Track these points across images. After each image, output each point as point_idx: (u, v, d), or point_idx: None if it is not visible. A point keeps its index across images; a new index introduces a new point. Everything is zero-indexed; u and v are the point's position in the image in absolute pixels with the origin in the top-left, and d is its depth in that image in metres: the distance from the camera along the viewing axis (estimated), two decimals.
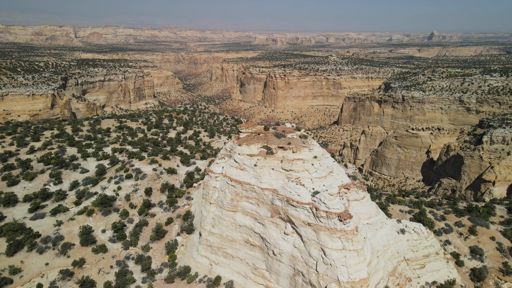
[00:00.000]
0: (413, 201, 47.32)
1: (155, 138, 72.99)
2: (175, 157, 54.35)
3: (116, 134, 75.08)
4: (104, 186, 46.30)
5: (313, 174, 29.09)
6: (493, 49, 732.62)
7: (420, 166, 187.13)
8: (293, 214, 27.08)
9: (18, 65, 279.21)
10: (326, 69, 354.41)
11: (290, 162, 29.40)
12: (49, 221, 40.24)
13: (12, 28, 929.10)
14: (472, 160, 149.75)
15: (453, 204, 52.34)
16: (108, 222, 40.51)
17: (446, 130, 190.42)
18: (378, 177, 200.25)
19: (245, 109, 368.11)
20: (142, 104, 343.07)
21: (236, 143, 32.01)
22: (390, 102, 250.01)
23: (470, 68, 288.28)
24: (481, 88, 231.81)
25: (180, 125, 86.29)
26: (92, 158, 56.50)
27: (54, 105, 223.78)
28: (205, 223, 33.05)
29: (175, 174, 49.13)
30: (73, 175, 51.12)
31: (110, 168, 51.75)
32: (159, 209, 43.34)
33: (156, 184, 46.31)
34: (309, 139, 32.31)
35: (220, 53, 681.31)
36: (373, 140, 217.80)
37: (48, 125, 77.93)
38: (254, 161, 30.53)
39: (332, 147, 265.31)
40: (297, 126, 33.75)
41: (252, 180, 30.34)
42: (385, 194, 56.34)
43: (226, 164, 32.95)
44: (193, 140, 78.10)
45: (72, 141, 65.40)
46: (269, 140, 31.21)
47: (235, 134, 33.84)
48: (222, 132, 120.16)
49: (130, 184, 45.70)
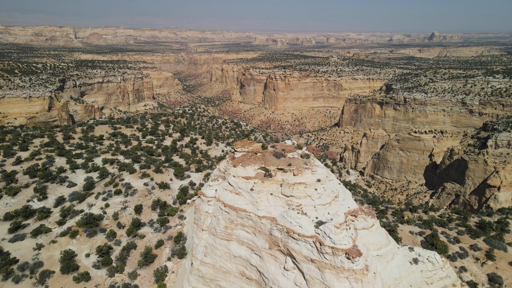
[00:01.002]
0: (422, 218, 44.19)
1: (149, 147, 69.81)
2: (169, 170, 51.17)
3: (109, 142, 71.91)
4: (91, 203, 43.15)
5: (317, 201, 25.94)
6: (494, 49, 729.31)
7: (423, 170, 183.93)
8: (294, 247, 23.96)
9: (16, 67, 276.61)
10: (327, 70, 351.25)
11: (291, 186, 26.25)
12: (29, 243, 37.15)
13: (12, 29, 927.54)
14: (477, 164, 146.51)
15: (463, 219, 49.20)
16: (93, 244, 37.40)
17: (449, 133, 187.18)
18: (380, 180, 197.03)
19: (245, 110, 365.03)
20: (141, 106, 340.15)
21: (230, 163, 28.83)
22: (391, 104, 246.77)
23: (472, 69, 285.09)
24: (484, 90, 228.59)
25: (177, 131, 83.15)
26: (81, 170, 53.35)
27: (52, 107, 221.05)
28: (197, 251, 29.93)
29: (168, 189, 45.97)
30: (60, 190, 47.96)
31: (99, 182, 48.60)
32: (149, 229, 40.22)
33: (147, 201, 43.16)
34: (312, 158, 29.12)
35: (220, 53, 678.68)
36: (375, 143, 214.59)
37: (38, 133, 74.77)
38: (250, 185, 27.39)
39: (333, 150, 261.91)
40: (298, 144, 30.52)
41: (248, 207, 27.20)
42: (391, 208, 53.16)
43: (220, 187, 29.80)
44: (190, 148, 74.92)
45: (62, 150, 62.23)
46: (267, 161, 28.05)
47: (230, 152, 30.64)
48: (221, 137, 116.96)
49: (119, 201, 42.55)
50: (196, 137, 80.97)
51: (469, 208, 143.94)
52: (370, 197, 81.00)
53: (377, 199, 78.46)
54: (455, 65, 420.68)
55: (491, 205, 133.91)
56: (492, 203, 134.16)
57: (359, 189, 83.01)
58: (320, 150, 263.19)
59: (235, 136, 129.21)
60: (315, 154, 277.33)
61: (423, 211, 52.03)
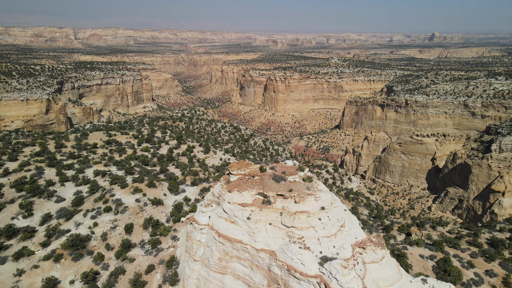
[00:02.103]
0: (431, 237, 41.51)
1: (144, 156, 67.13)
2: (162, 184, 48.47)
3: (103, 150, 69.20)
4: (78, 221, 40.48)
5: (321, 232, 23.30)
6: (494, 50, 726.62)
7: (425, 174, 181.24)
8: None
9: (14, 69, 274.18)
10: (327, 72, 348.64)
11: (292, 216, 23.62)
12: (10, 268, 34.51)
13: (12, 30, 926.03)
14: (480, 169, 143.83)
15: (474, 235, 46.58)
16: (79, 269, 34.74)
17: (452, 136, 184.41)
18: (381, 184, 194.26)
19: (245, 112, 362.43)
20: (140, 108, 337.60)
21: (225, 188, 26.14)
22: (393, 106, 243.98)
23: (474, 71, 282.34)
24: (486, 92, 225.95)
25: (174, 138, 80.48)
26: (71, 183, 50.67)
27: (49, 110, 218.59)
28: (189, 283, 27.31)
29: (161, 205, 43.30)
30: (47, 205, 45.30)
31: (89, 197, 45.94)
32: (140, 250, 37.54)
33: (139, 219, 40.50)
34: (315, 181, 26.43)
35: (220, 54, 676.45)
36: (376, 146, 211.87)
37: (29, 141, 72.09)
38: (247, 213, 24.75)
39: (334, 152, 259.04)
40: (300, 165, 27.82)
41: (244, 238, 24.56)
42: (397, 223, 50.52)
43: (214, 213, 27.15)
44: (187, 156, 72.22)
45: (53, 160, 59.56)
46: (266, 185, 25.40)
47: (225, 175, 27.93)
48: (219, 142, 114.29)
49: (109, 219, 39.89)
50: (193, 145, 78.26)
51: (472, 214, 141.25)
52: (373, 206, 78.35)
53: (381, 208, 75.80)
54: (456, 66, 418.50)
55: (495, 211, 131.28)
56: (496, 208, 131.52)
57: (362, 197, 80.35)
58: (320, 152, 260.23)
59: (234, 140, 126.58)
60: (315, 157, 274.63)
61: (430, 226, 49.37)
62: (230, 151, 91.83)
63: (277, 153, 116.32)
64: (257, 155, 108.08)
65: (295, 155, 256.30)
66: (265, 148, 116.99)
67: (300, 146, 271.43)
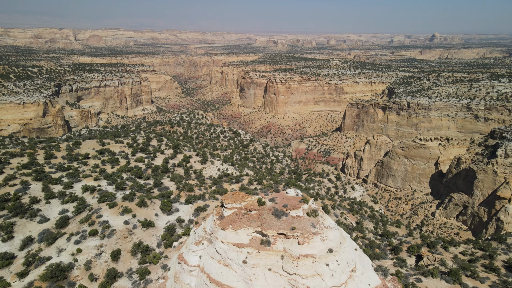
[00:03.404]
0: (445, 263, 38.14)
1: (138, 167, 63.79)
2: (154, 203, 45.09)
3: (95, 161, 65.89)
4: (61, 247, 37.15)
5: (329, 281, 19.97)
6: (495, 51, 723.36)
7: (428, 179, 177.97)
8: None
9: (11, 71, 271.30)
10: (328, 74, 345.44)
11: (295, 261, 20.31)
12: None
13: (11, 31, 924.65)
14: (486, 174, 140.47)
15: (489, 257, 43.29)
16: None
17: (455, 140, 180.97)
18: (383, 189, 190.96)
19: (245, 114, 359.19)
20: (139, 110, 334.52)
21: (218, 225, 22.76)
22: (394, 109, 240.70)
23: (476, 72, 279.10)
24: (490, 95, 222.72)
25: (169, 147, 77.14)
26: (57, 201, 47.35)
27: (46, 113, 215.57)
28: None
29: (152, 227, 39.95)
30: (29, 226, 41.98)
31: (75, 218, 42.60)
32: (127, 281, 34.24)
33: (127, 244, 37.18)
34: (321, 216, 23.04)
35: (220, 56, 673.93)
36: (378, 150, 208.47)
37: (18, 151, 68.82)
38: (243, 256, 21.45)
39: (335, 155, 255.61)
40: (304, 196, 24.43)
41: (240, 285, 21.24)
42: (406, 242, 47.24)
43: (205, 253, 23.83)
44: (183, 167, 68.88)
45: (40, 174, 56.27)
46: (265, 222, 22.06)
47: (218, 207, 24.49)
48: (218, 148, 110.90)
49: (94, 245, 36.57)
50: (190, 154, 74.91)
51: (478, 221, 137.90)
52: (378, 217, 74.95)
53: (386, 220, 72.38)
54: (457, 67, 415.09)
55: (501, 218, 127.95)
56: (502, 216, 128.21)
57: (366, 208, 76.99)
58: (321, 156, 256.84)
59: (233, 146, 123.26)
60: (316, 160, 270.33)
61: (442, 246, 46.05)
62: (229, 159, 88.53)
63: (278, 160, 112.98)
64: (256, 163, 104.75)
65: (296, 158, 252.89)
66: (265, 155, 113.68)
67: (300, 149, 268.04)
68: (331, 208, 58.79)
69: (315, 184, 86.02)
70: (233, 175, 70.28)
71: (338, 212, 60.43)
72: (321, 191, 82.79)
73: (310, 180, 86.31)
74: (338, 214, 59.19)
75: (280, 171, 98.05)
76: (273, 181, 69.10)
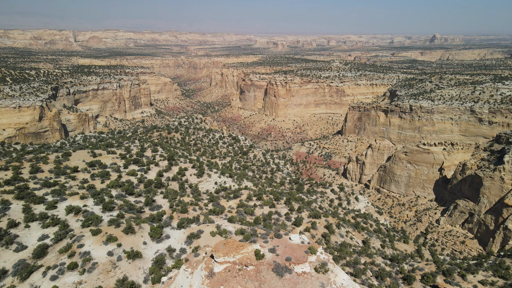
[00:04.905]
0: None
1: (130, 182, 59.87)
2: (143, 228, 41.15)
3: (84, 175, 61.87)
4: (35, 283, 33.20)
5: None
6: (497, 52, 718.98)
7: (433, 184, 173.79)
8: None
9: (8, 74, 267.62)
10: (329, 76, 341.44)
11: None
12: None
13: (11, 33, 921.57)
14: (492, 181, 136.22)
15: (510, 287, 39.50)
16: None
17: (460, 145, 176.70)
18: (386, 194, 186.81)
19: (245, 117, 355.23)
20: (138, 113, 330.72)
21: (207, 285, 18.78)
22: (397, 112, 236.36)
23: (479, 74, 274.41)
24: (493, 97, 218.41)
25: (164, 159, 73.20)
26: (37, 225, 43.34)
27: (43, 117, 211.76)
28: None
29: (139, 258, 36.00)
30: (4, 256, 37.98)
31: (54, 246, 38.64)
32: None
33: (109, 280, 33.25)
34: (331, 271, 19.04)
35: (220, 57, 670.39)
36: (381, 154, 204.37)
37: (3, 164, 64.86)
38: None
39: (336, 159, 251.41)
40: (311, 245, 20.36)
41: None
42: (419, 269, 43.43)
43: None
44: (177, 181, 64.94)
45: (23, 191, 52.23)
46: (264, 281, 18.15)
47: (207, 258, 20.46)
48: (216, 157, 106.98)
49: (72, 282, 32.64)
50: (185, 167, 70.97)
51: (484, 229, 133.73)
52: (384, 232, 71.03)
53: (393, 236, 68.42)
54: (459, 69, 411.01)
55: (509, 227, 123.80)
56: (510, 224, 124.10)
57: (371, 221, 73.09)
58: (322, 159, 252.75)
59: (232, 153, 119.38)
60: (317, 164, 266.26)
61: (459, 274, 42.21)
62: (227, 169, 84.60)
63: (278, 168, 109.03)
64: (256, 172, 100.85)
65: (297, 162, 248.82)
66: (265, 163, 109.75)
67: (301, 153, 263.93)
68: (336, 227, 54.89)
69: (318, 196, 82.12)
70: (231, 188, 66.39)
71: (344, 231, 56.54)
72: (324, 203, 78.89)
73: (312, 192, 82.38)
74: (344, 233, 55.29)
75: (280, 180, 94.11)
76: (273, 195, 65.19)
